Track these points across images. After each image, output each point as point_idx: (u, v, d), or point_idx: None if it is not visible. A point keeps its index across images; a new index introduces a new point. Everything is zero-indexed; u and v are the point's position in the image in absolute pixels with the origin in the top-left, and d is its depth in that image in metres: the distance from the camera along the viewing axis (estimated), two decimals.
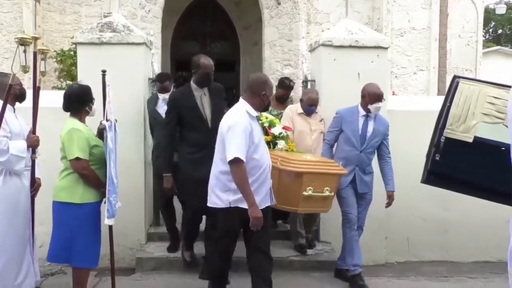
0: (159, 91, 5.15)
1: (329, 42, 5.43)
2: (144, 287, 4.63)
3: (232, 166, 3.52)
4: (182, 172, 4.52)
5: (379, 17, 11.25)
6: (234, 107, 3.82)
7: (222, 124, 3.70)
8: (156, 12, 11.04)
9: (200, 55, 4.69)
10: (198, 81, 4.51)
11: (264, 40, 11.56)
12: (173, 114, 4.50)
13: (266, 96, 3.79)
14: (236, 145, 3.51)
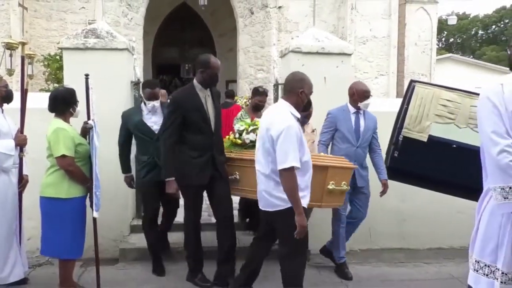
0: (148, 98, 4.46)
1: (298, 48, 5.46)
2: (127, 276, 4.59)
3: (286, 173, 3.10)
4: (186, 177, 4.05)
5: (344, 26, 11.36)
6: (277, 108, 3.38)
7: (269, 127, 3.23)
8: (138, 20, 10.94)
9: (208, 54, 4.27)
10: (206, 81, 4.07)
11: (239, 46, 11.57)
12: (177, 115, 3.98)
13: (305, 93, 3.34)
14: (291, 153, 3.10)
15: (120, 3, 10.71)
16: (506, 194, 2.11)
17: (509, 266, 2.15)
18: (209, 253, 4.56)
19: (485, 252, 2.25)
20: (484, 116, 2.21)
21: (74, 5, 10.72)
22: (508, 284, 2.15)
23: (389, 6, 11.70)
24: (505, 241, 2.16)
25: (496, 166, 2.13)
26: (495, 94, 2.19)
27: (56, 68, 9.37)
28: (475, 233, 2.35)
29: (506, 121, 2.13)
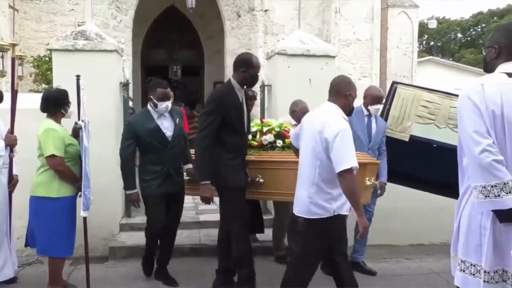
0: (160, 98, 4.03)
1: (284, 51, 5.47)
2: (117, 274, 4.56)
3: (346, 175, 2.92)
4: (222, 180, 3.76)
5: (328, 29, 11.40)
6: (326, 110, 3.20)
7: (322, 129, 3.05)
8: (127, 22, 10.86)
9: (249, 53, 4.02)
10: (247, 81, 3.80)
11: (226, 48, 11.55)
12: (217, 115, 3.66)
13: (351, 97, 3.24)
14: (350, 153, 2.96)
15: (109, 6, 10.63)
16: (487, 192, 2.09)
17: (491, 264, 2.13)
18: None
19: (470, 251, 2.23)
20: (465, 115, 2.19)
21: (63, 7, 10.60)
22: (490, 283, 2.13)
23: (371, 10, 11.77)
24: (486, 240, 2.15)
25: (478, 165, 2.11)
26: (476, 94, 2.17)
27: (46, 70, 9.26)
28: (456, 233, 2.34)
29: (487, 121, 2.12)
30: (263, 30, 11.17)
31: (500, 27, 2.51)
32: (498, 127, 2.13)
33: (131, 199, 4.15)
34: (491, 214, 2.14)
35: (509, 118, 2.12)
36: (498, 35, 2.37)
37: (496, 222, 2.13)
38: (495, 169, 2.07)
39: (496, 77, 2.24)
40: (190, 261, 4.86)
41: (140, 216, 5.81)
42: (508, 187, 2.06)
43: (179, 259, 4.88)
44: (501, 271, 2.13)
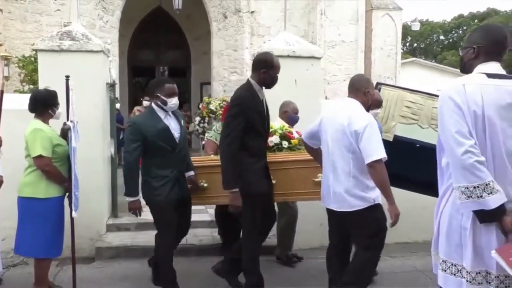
0: (169, 95, 3.73)
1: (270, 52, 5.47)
2: (104, 274, 4.51)
3: (378, 165, 3.02)
4: (246, 185, 3.50)
5: (314, 30, 11.45)
6: (350, 105, 3.27)
7: (350, 122, 3.12)
8: (113, 23, 10.78)
9: (269, 53, 3.82)
10: (267, 81, 3.61)
11: (213, 49, 11.53)
12: (242, 118, 3.44)
13: (370, 94, 3.32)
14: (380, 145, 3.06)
15: (95, 6, 10.53)
16: (470, 193, 2.08)
17: (473, 265, 2.13)
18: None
19: (451, 251, 2.22)
20: (447, 115, 2.17)
21: (49, 7, 10.48)
22: (473, 284, 2.13)
23: (356, 13, 11.86)
24: (467, 241, 2.15)
25: (461, 166, 2.10)
26: (457, 94, 2.16)
27: (31, 70, 9.14)
28: (437, 233, 2.34)
29: (469, 121, 2.11)
30: (249, 32, 11.18)
31: (478, 28, 2.51)
32: (479, 128, 2.13)
33: (133, 207, 3.77)
34: (471, 215, 2.14)
35: (489, 119, 2.12)
36: (476, 36, 2.36)
37: (476, 222, 2.13)
38: (478, 170, 2.06)
39: (476, 78, 2.24)
40: (177, 261, 4.80)
41: (127, 216, 5.77)
42: (490, 188, 2.06)
43: None
44: (485, 272, 2.13)
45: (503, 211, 2.08)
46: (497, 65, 2.27)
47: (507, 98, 2.15)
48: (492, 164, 2.13)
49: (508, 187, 2.14)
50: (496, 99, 2.14)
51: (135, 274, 4.49)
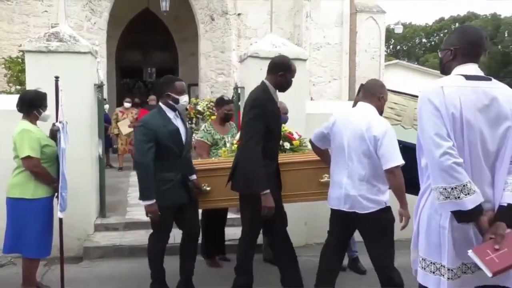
0: (180, 92, 3.63)
1: (256, 54, 5.48)
2: (92, 274, 4.48)
3: (397, 171, 3.08)
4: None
5: (299, 33, 11.49)
6: (366, 110, 3.29)
7: (369, 127, 3.14)
8: (101, 24, 10.69)
9: (287, 57, 3.74)
10: (282, 84, 3.55)
11: (200, 51, 11.51)
12: (263, 120, 3.36)
13: (384, 99, 3.38)
14: (398, 151, 3.10)
15: (83, 8, 10.44)
16: (448, 194, 2.08)
17: (453, 262, 2.14)
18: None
19: (430, 250, 2.23)
20: (426, 118, 2.17)
21: (36, 8, 10.35)
22: (454, 279, 2.14)
23: (341, 15, 11.93)
24: (446, 240, 2.16)
25: (439, 167, 2.09)
26: (436, 96, 2.15)
27: (18, 71, 9.03)
28: (416, 232, 2.34)
29: (447, 123, 2.11)
30: (236, 34, 11.18)
31: (455, 30, 2.51)
32: (457, 130, 2.13)
33: (151, 210, 3.54)
34: (449, 214, 2.14)
35: (467, 121, 2.13)
36: (453, 38, 2.37)
37: (454, 221, 2.14)
38: (455, 171, 2.07)
39: (454, 80, 2.23)
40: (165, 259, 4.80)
41: (115, 216, 5.75)
42: (467, 189, 2.06)
43: None
44: (461, 265, 2.16)
45: (480, 211, 2.09)
46: (475, 66, 2.27)
47: (484, 100, 2.15)
48: (470, 165, 2.14)
49: (485, 187, 2.15)
50: (474, 101, 2.15)
51: (123, 273, 4.47)
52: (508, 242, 2.05)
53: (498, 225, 2.09)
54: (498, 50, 36.35)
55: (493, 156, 2.18)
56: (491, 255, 2.02)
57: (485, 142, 2.15)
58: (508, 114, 2.16)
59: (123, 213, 5.93)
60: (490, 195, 2.17)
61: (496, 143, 2.17)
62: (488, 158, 2.17)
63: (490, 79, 2.24)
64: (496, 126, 2.16)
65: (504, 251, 2.02)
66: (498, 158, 2.18)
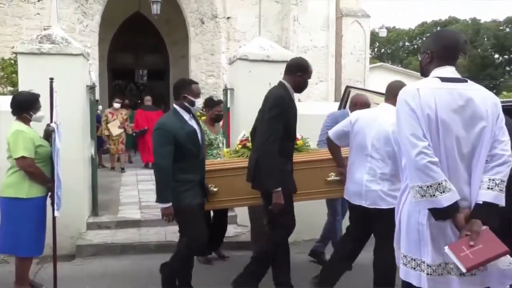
0: (197, 95, 3.59)
1: (245, 56, 5.49)
2: (84, 271, 4.45)
3: None
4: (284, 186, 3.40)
5: (287, 36, 11.51)
6: (392, 112, 3.21)
7: (395, 130, 3.11)
8: (93, 27, 10.60)
9: (305, 58, 3.69)
10: (300, 85, 3.53)
11: (190, 53, 11.47)
12: (282, 120, 3.34)
13: None
14: None
15: (75, 11, 10.34)
16: (424, 192, 2.10)
17: (432, 258, 2.16)
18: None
19: (410, 247, 2.24)
20: (403, 119, 2.20)
21: (29, 11, 10.22)
22: (433, 276, 2.15)
23: (327, 19, 11.97)
24: (425, 237, 2.17)
25: (415, 166, 2.12)
26: (412, 98, 2.18)
27: (11, 72, 8.91)
28: (398, 229, 2.36)
29: (423, 124, 2.13)
30: (225, 37, 11.16)
31: (432, 34, 2.54)
32: (433, 130, 2.15)
33: (167, 213, 3.43)
34: (427, 212, 2.16)
35: (442, 121, 2.15)
36: (430, 42, 2.39)
37: (431, 219, 2.16)
38: (431, 170, 2.09)
39: (430, 82, 2.26)
40: (156, 257, 4.79)
41: (107, 214, 5.71)
42: (442, 187, 2.08)
43: (145, 255, 4.84)
44: (444, 264, 2.16)
45: (456, 209, 2.11)
46: (451, 69, 2.29)
47: (459, 101, 2.17)
48: (446, 165, 2.15)
49: (462, 186, 2.17)
50: (449, 102, 2.17)
51: (115, 270, 4.45)
52: (483, 239, 2.07)
53: (473, 222, 2.11)
54: (477, 54, 36.79)
55: (469, 155, 2.19)
56: (466, 251, 2.04)
57: (460, 142, 2.17)
58: (483, 114, 2.18)
59: (115, 211, 5.90)
60: (466, 193, 2.18)
61: (472, 142, 2.18)
62: (463, 157, 2.19)
63: (466, 81, 2.26)
64: (472, 126, 2.18)
65: (479, 247, 2.04)
66: (474, 157, 2.19)
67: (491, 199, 2.13)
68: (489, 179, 2.15)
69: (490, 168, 2.17)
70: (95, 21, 10.60)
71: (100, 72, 11.30)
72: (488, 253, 2.04)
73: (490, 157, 2.18)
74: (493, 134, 2.19)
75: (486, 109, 2.19)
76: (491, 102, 2.22)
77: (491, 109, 2.20)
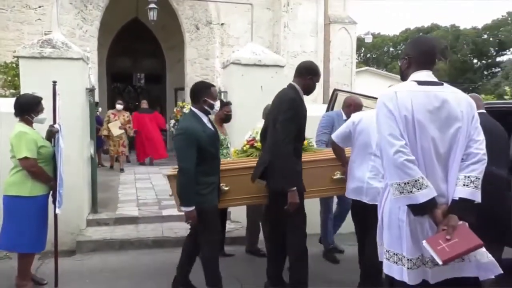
0: (215, 98, 3.50)
1: (238, 61, 5.49)
2: (84, 266, 4.42)
3: None
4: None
5: (278, 42, 11.52)
6: None
7: None
8: (92, 32, 10.53)
9: (314, 62, 3.69)
10: (310, 88, 3.50)
11: (186, 58, 11.44)
12: (296, 121, 3.31)
13: None
14: None
15: (75, 17, 10.27)
16: (401, 189, 2.12)
17: (412, 253, 2.17)
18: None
19: (392, 242, 2.25)
20: (382, 120, 2.22)
21: (30, 16, 10.13)
22: (413, 269, 2.16)
23: (316, 26, 12.00)
24: (404, 232, 2.19)
25: (393, 164, 2.14)
26: (390, 101, 2.21)
27: (13, 75, 8.84)
28: (381, 225, 2.37)
29: (400, 124, 2.15)
30: (219, 42, 11.15)
31: (410, 41, 2.57)
32: (410, 130, 2.17)
33: (191, 216, 3.27)
34: (406, 208, 2.18)
35: (419, 122, 2.17)
36: (408, 47, 2.43)
37: (411, 215, 2.18)
38: (408, 168, 2.11)
39: (407, 85, 2.28)
40: (153, 252, 4.80)
41: (106, 212, 5.68)
42: (419, 184, 2.10)
43: (143, 251, 4.83)
44: (421, 256, 2.18)
45: (433, 205, 2.13)
46: (428, 73, 2.31)
47: (435, 103, 2.20)
48: (423, 162, 2.17)
49: (439, 183, 2.18)
50: (425, 104, 2.19)
51: (114, 265, 4.43)
52: (459, 233, 2.08)
53: (450, 218, 2.13)
54: (457, 58, 37.08)
55: (445, 154, 2.21)
56: (443, 244, 2.06)
57: (436, 141, 2.19)
58: (458, 115, 2.21)
59: (113, 209, 5.87)
60: (444, 190, 2.20)
61: (448, 142, 2.20)
62: (440, 156, 2.20)
63: (442, 84, 2.29)
64: (447, 127, 2.20)
65: (455, 241, 2.06)
66: (450, 156, 2.21)
67: (466, 195, 2.15)
68: (465, 176, 2.17)
69: (465, 166, 2.19)
70: (95, 27, 10.54)
71: (100, 76, 11.24)
72: (463, 246, 2.06)
73: (466, 155, 2.20)
74: (468, 134, 2.21)
75: (461, 110, 2.21)
76: (466, 103, 2.24)
77: (466, 110, 2.22)
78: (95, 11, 10.51)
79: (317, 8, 11.91)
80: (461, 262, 2.16)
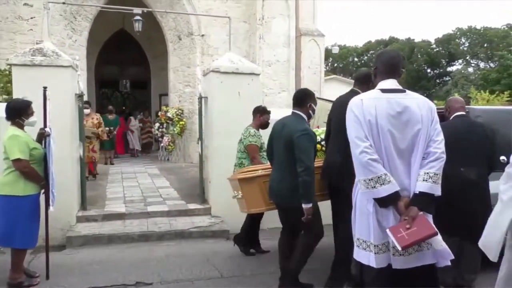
0: (316, 103, 3.51)
1: (217, 69, 5.48)
2: (74, 260, 4.32)
3: None
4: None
5: (254, 52, 11.54)
6: None
7: None
8: (81, 42, 10.30)
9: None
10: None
11: (169, 66, 11.33)
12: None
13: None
14: None
15: (65, 27, 10.03)
16: (367, 184, 2.21)
17: (378, 239, 2.24)
18: None
19: (362, 230, 2.33)
20: (349, 124, 2.32)
21: (22, 27, 9.83)
22: (380, 254, 2.24)
23: (288, 38, 12.06)
24: (371, 221, 2.26)
25: (359, 163, 2.23)
26: (356, 107, 2.30)
27: (6, 82, 8.55)
28: (354, 216, 2.44)
29: (365, 128, 2.24)
30: (200, 51, 11.08)
31: (377, 53, 2.68)
32: (374, 133, 2.25)
33: (311, 211, 3.13)
34: (373, 201, 2.26)
35: (381, 126, 2.25)
36: (375, 60, 2.54)
37: (377, 206, 2.26)
38: (371, 166, 2.19)
39: (372, 93, 2.37)
40: (139, 245, 4.73)
41: (95, 209, 5.57)
42: (382, 180, 2.18)
43: (129, 244, 4.76)
44: (387, 242, 2.26)
45: (395, 198, 2.20)
46: (393, 81, 2.39)
47: (397, 108, 2.28)
48: (387, 161, 2.25)
49: (402, 179, 2.26)
50: (388, 109, 2.27)
51: (102, 258, 4.34)
52: (418, 223, 2.17)
53: (411, 209, 2.21)
54: (413, 68, 37.92)
55: (407, 154, 2.28)
56: (403, 232, 2.14)
57: (397, 142, 2.26)
58: (419, 119, 2.28)
59: (102, 206, 5.76)
60: (406, 185, 2.27)
61: (409, 143, 2.27)
62: (402, 155, 2.27)
63: (404, 91, 2.37)
64: (409, 129, 2.27)
65: (413, 229, 2.14)
66: (412, 155, 2.28)
67: (426, 189, 2.22)
68: (425, 172, 2.24)
69: (425, 164, 2.26)
70: (83, 37, 10.32)
71: (88, 82, 11.00)
72: (420, 234, 2.14)
73: (426, 154, 2.28)
74: (428, 135, 2.29)
75: (421, 114, 2.29)
76: (426, 108, 2.32)
77: (426, 114, 2.30)
78: (84, 22, 10.29)
79: (289, 22, 11.98)
80: (420, 251, 2.23)
